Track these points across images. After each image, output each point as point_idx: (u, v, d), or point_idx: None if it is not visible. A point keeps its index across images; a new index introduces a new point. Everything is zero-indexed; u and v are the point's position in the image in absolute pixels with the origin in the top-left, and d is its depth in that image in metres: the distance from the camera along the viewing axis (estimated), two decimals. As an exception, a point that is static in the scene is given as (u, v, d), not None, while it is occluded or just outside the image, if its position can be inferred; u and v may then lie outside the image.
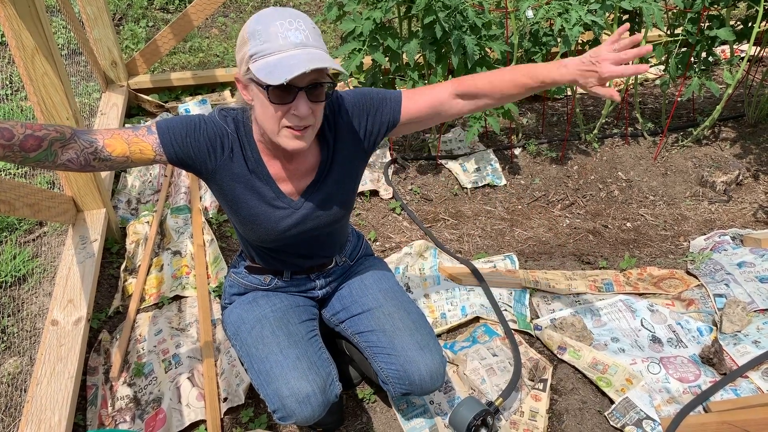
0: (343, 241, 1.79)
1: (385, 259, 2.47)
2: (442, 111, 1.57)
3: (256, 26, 1.28)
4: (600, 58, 1.38)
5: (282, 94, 1.30)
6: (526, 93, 1.53)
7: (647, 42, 2.91)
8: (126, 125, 3.39)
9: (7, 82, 3.55)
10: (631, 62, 1.83)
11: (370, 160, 3.10)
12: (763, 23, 2.80)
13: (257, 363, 1.61)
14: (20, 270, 2.45)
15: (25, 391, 1.99)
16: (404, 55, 2.68)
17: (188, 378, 1.96)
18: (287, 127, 1.35)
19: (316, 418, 1.57)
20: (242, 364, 1.84)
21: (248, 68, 1.30)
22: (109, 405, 1.93)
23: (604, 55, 1.38)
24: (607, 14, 2.66)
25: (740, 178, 2.95)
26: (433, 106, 1.56)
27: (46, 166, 1.29)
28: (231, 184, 1.49)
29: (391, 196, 2.90)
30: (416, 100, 1.56)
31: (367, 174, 2.98)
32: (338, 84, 3.80)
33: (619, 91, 3.61)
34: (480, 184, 2.97)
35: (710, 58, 2.95)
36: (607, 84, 1.43)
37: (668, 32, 3.01)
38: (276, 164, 1.50)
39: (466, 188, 2.97)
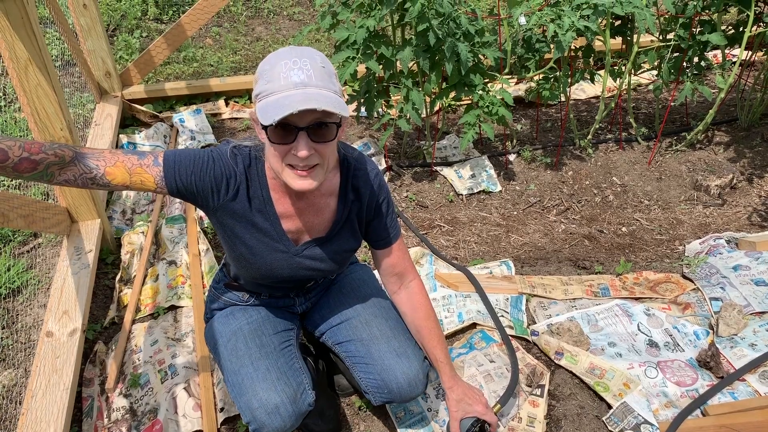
0: None
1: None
2: (384, 275, 1.71)
3: (264, 66, 1.29)
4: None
5: (282, 133, 1.28)
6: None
7: (639, 48, 2.92)
8: (127, 146, 3.38)
9: (1, 94, 3.55)
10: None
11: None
12: (754, 28, 2.82)
13: (231, 376, 1.60)
14: (15, 282, 2.43)
15: (20, 404, 1.97)
16: (398, 63, 2.68)
17: (184, 388, 1.95)
18: (290, 165, 1.33)
19: (288, 429, 1.55)
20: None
21: (255, 99, 1.31)
22: (105, 416, 1.92)
23: None
24: (599, 20, 2.67)
25: (734, 181, 2.96)
26: (390, 268, 1.68)
27: (43, 182, 1.28)
28: (231, 223, 1.49)
29: (386, 203, 2.90)
30: (389, 254, 1.67)
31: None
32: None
33: (612, 96, 3.62)
34: (475, 191, 2.98)
35: (702, 63, 2.97)
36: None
37: (660, 37, 3.03)
38: (286, 202, 1.49)
39: (462, 195, 2.97)
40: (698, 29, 2.87)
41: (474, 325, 2.22)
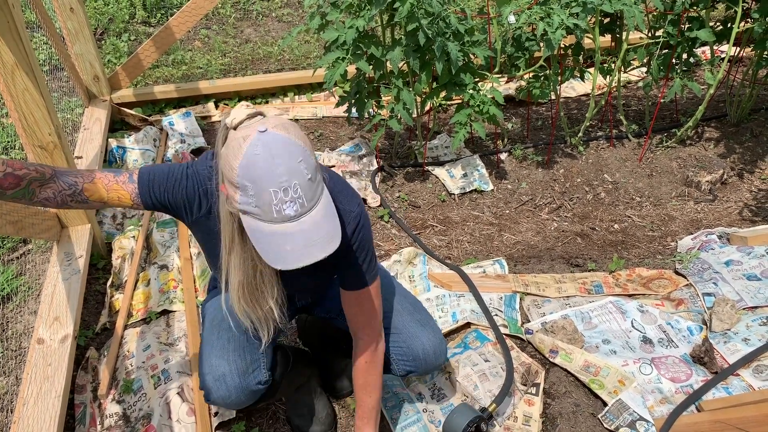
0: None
1: (375, 268, 2.46)
2: (351, 325, 1.61)
3: (244, 181, 1.14)
4: None
5: None
6: None
7: (629, 45, 2.92)
8: (117, 150, 3.36)
9: (-12, 99, 3.51)
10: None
11: (357, 168, 3.10)
12: (742, 24, 2.83)
13: (201, 347, 1.67)
14: (4, 288, 2.41)
15: (11, 412, 1.95)
16: (388, 63, 2.68)
17: (178, 393, 1.94)
18: None
19: (234, 402, 1.58)
20: None
21: (239, 209, 1.20)
22: (98, 423, 1.90)
23: None
24: (588, 17, 2.68)
25: (725, 177, 2.97)
26: (348, 314, 1.59)
27: (23, 203, 1.30)
28: (206, 238, 1.51)
29: (378, 203, 2.89)
30: (354, 305, 1.56)
31: (354, 182, 2.97)
32: (323, 93, 3.80)
33: (602, 94, 3.64)
34: (467, 190, 2.98)
35: (691, 60, 2.98)
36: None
37: (649, 34, 3.04)
38: None
39: (454, 194, 2.97)
40: (687, 26, 2.87)
41: (468, 325, 2.22)
